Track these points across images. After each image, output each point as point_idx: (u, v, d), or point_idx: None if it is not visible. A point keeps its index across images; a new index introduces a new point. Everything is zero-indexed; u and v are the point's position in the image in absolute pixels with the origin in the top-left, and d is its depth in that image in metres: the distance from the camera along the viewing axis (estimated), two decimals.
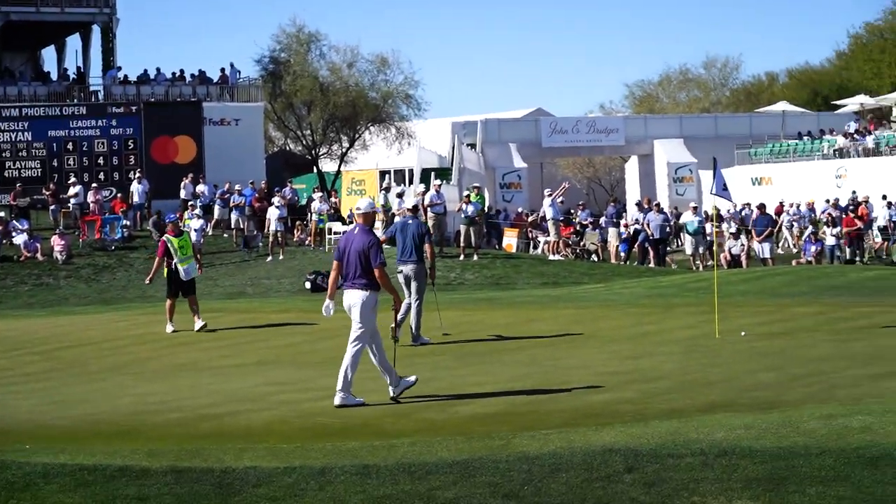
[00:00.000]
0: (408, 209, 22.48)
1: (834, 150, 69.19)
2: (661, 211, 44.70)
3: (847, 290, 26.50)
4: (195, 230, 39.50)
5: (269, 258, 42.51)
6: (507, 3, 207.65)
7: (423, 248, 20.69)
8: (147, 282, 26.92)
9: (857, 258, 43.55)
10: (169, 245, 24.30)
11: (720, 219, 47.09)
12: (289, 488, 8.75)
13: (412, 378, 14.78)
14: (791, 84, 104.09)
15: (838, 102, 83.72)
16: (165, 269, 24.62)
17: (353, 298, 14.76)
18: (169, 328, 24.09)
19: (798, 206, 52.82)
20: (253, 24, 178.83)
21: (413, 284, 20.87)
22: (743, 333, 19.62)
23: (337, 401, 14.19)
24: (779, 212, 53.11)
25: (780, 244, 49.63)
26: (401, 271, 20.97)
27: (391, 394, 14.54)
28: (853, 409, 11.43)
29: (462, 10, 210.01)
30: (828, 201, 52.97)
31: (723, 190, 20.74)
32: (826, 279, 28.68)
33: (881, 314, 22.00)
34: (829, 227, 44.76)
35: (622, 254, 45.53)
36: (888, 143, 67.08)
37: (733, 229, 43.64)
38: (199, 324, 23.95)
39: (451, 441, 10.97)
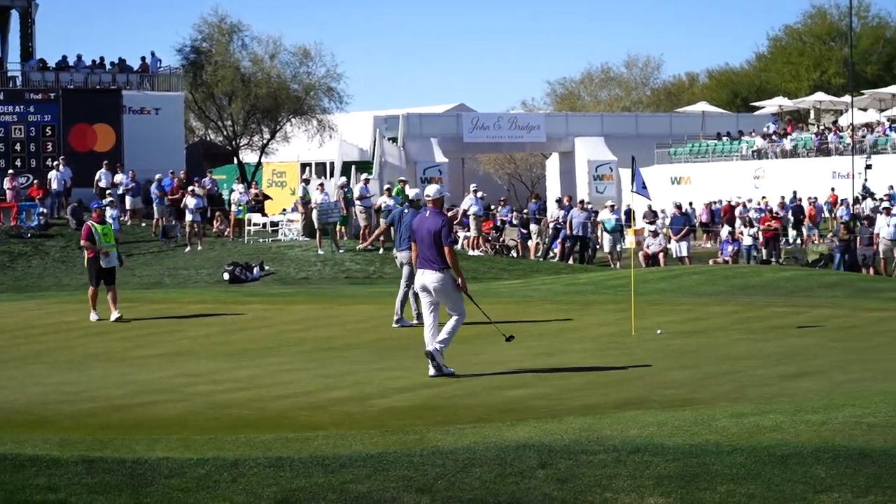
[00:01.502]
0: (409, 201, 22.73)
1: (752, 151, 69.93)
2: (584, 208, 44.89)
3: (762, 290, 26.74)
4: (111, 219, 39.12)
5: (188, 248, 42.20)
6: None
7: None
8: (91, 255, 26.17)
9: (773, 258, 43.97)
10: (93, 230, 24.16)
11: (654, 216, 47.38)
12: (201, 480, 8.68)
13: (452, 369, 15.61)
14: (711, 85, 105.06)
15: (757, 104, 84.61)
16: (87, 258, 24.47)
17: (431, 280, 15.60)
18: (93, 316, 23.94)
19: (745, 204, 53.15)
20: (174, 13, 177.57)
21: (405, 269, 21.44)
22: (659, 331, 19.74)
23: (431, 372, 15.37)
24: (727, 210, 53.47)
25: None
26: (396, 257, 22.37)
27: (431, 373, 15.46)
28: (765, 407, 11.54)
29: (385, 4, 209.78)
30: (765, 198, 53.63)
31: (642, 188, 20.87)
32: (742, 279, 28.91)
33: (795, 314, 22.24)
34: (746, 227, 45.16)
35: (554, 251, 45.32)
36: (805, 145, 67.85)
37: (653, 228, 43.89)
38: (115, 314, 23.80)
39: (366, 434, 10.94)
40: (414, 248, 16.27)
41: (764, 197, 55.53)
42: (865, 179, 54.51)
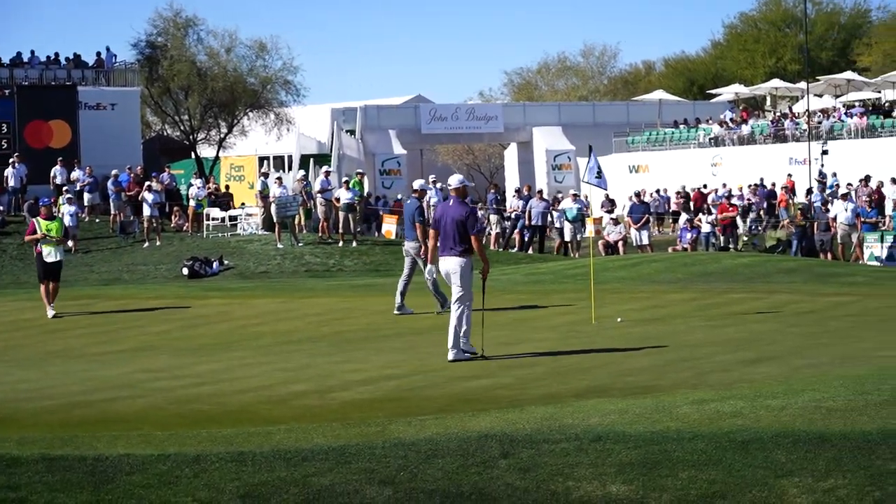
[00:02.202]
0: (413, 191, 22.78)
1: (709, 139, 70.19)
2: (542, 198, 44.94)
3: (721, 277, 26.87)
4: (69, 215, 38.91)
5: (146, 244, 42.05)
6: None
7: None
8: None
9: (731, 245, 44.14)
10: (37, 226, 24.22)
11: (612, 204, 47.46)
12: (163, 476, 8.65)
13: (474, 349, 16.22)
14: (667, 73, 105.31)
15: (714, 91, 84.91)
16: (36, 253, 24.49)
17: (452, 265, 16.13)
18: (49, 312, 23.88)
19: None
20: (129, 7, 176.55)
21: (406, 259, 22.39)
22: (619, 319, 19.80)
23: (450, 356, 15.92)
24: (698, 198, 53.52)
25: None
26: (403, 246, 23.26)
27: (450, 356, 15.98)
28: (725, 394, 11.58)
29: None
30: (751, 187, 53.76)
31: (595, 178, 20.89)
32: (701, 266, 29.05)
33: (753, 300, 22.36)
34: (704, 214, 45.30)
35: (524, 240, 45.15)
36: (762, 132, 68.15)
37: (613, 216, 43.98)
38: (51, 312, 23.83)
39: (328, 427, 10.93)
40: (432, 235, 16.77)
41: (740, 184, 55.60)
42: (822, 165, 54.76)
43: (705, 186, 55.84)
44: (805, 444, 8.76)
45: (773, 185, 54.22)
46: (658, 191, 56.42)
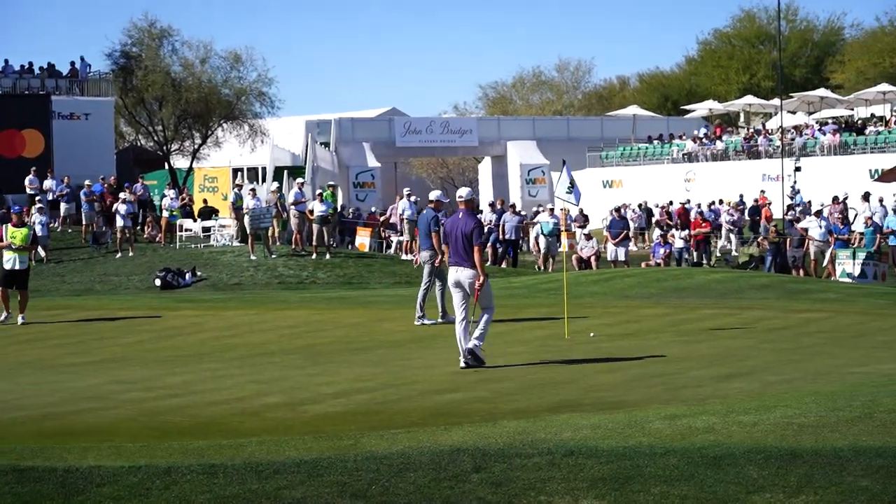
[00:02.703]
0: (429, 201, 22.81)
1: (683, 154, 70.46)
2: (516, 212, 44.98)
3: (694, 293, 26.92)
4: (40, 224, 38.73)
5: (119, 255, 41.90)
6: (362, 3, 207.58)
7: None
8: None
9: (704, 261, 44.26)
10: (4, 232, 24.33)
11: (584, 219, 47.56)
12: (133, 488, 8.62)
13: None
14: (642, 88, 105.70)
15: (687, 107, 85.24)
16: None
17: (465, 276, 16.69)
18: (2, 316, 24.01)
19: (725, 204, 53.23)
20: (104, 17, 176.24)
21: (426, 267, 22.75)
22: (592, 334, 19.82)
23: (462, 364, 16.44)
24: (681, 213, 53.53)
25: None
26: (417, 255, 24.04)
27: (462, 364, 16.51)
28: (697, 409, 11.60)
29: (317, 8, 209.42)
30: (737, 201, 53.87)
31: (567, 192, 20.92)
32: (674, 281, 29.09)
33: (726, 316, 22.41)
34: (678, 229, 45.39)
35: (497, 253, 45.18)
36: (735, 148, 68.42)
37: (586, 231, 44.03)
38: (21, 319, 23.89)
39: (300, 440, 10.90)
40: (446, 248, 17.28)
41: (722, 200, 55.58)
42: (795, 182, 55.00)
43: (688, 202, 55.79)
44: (777, 461, 8.78)
45: (757, 201, 54.18)
46: (640, 205, 56.41)
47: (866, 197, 46.02)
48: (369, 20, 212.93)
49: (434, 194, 22.75)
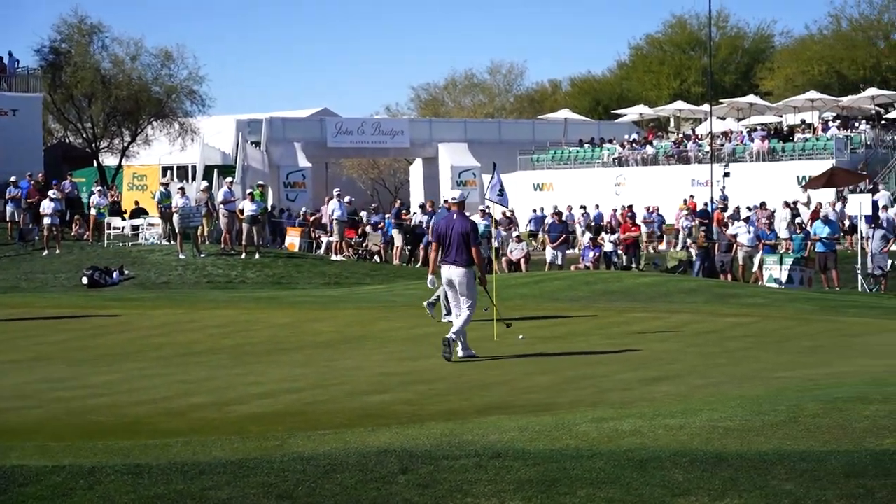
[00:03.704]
0: (453, 202, 22.46)
1: (613, 159, 70.84)
2: None
3: (623, 296, 27.03)
4: None
5: (45, 252, 41.53)
6: (294, 2, 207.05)
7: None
8: None
9: (634, 265, 44.47)
10: None
11: (509, 222, 47.64)
12: (57, 487, 8.53)
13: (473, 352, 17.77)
14: (573, 92, 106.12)
15: (618, 112, 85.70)
16: None
17: (457, 274, 17.62)
18: None
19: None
20: (33, 13, 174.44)
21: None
22: (521, 337, 19.84)
23: (460, 354, 17.50)
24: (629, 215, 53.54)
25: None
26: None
27: (459, 354, 17.59)
28: (624, 412, 11.64)
29: (249, 7, 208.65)
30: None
31: (498, 195, 20.98)
32: (603, 284, 29.20)
33: (654, 319, 22.52)
34: (608, 233, 45.58)
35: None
36: (665, 153, 68.86)
37: (516, 233, 44.13)
38: None
39: (226, 441, 10.84)
40: (434, 246, 18.16)
41: (692, 197, 55.62)
42: (723, 187, 55.41)
43: (631, 207, 55.76)
44: (702, 464, 8.82)
45: (706, 204, 54.12)
46: (584, 207, 55.98)
47: (787, 204, 46.60)
48: (301, 20, 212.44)
49: (455, 194, 22.06)
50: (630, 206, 52.37)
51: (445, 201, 22.60)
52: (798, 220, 44.15)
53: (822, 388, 12.83)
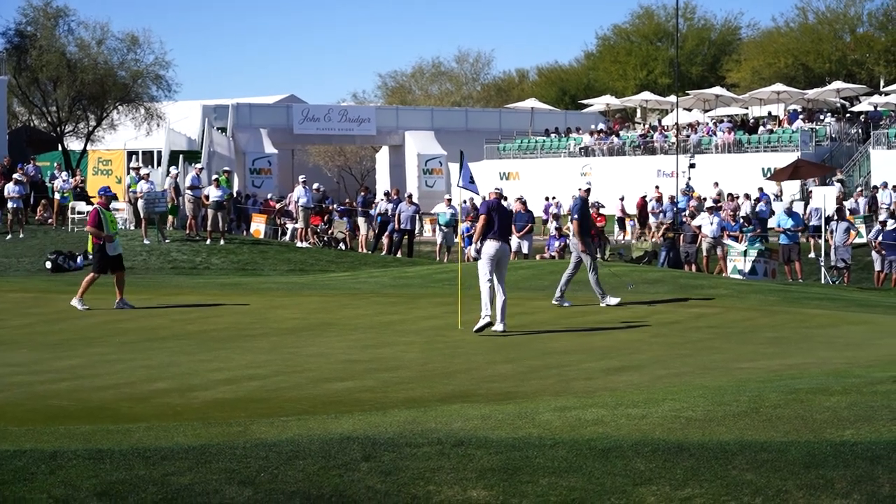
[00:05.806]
0: (497, 193, 22.23)
1: (580, 148, 70.94)
2: (412, 202, 45.02)
3: (587, 286, 27.04)
4: None
5: (9, 236, 41.33)
6: None
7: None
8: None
9: (599, 255, 44.47)
10: (101, 215, 23.59)
11: (475, 210, 47.60)
12: (17, 472, 8.49)
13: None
14: (540, 82, 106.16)
15: (585, 102, 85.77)
16: (94, 244, 23.84)
17: (504, 251, 19.87)
18: (78, 304, 23.20)
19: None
20: None
21: (573, 255, 24.58)
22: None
23: (499, 328, 19.25)
24: (641, 205, 53.62)
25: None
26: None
27: (501, 328, 19.25)
28: (587, 401, 11.67)
29: None
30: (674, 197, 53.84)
31: (469, 183, 21.03)
32: None
33: (618, 310, 22.59)
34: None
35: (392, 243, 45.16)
36: (631, 143, 69.00)
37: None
38: (119, 301, 23.45)
39: (189, 426, 10.81)
40: (485, 220, 19.67)
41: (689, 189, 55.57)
42: (689, 178, 55.54)
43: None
44: (664, 453, 8.86)
45: (691, 193, 53.91)
46: (554, 197, 55.82)
47: (748, 196, 46.83)
48: (269, 5, 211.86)
49: (583, 183, 23.08)
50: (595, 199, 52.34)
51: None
52: (758, 209, 44.30)
53: (783, 380, 12.89)
